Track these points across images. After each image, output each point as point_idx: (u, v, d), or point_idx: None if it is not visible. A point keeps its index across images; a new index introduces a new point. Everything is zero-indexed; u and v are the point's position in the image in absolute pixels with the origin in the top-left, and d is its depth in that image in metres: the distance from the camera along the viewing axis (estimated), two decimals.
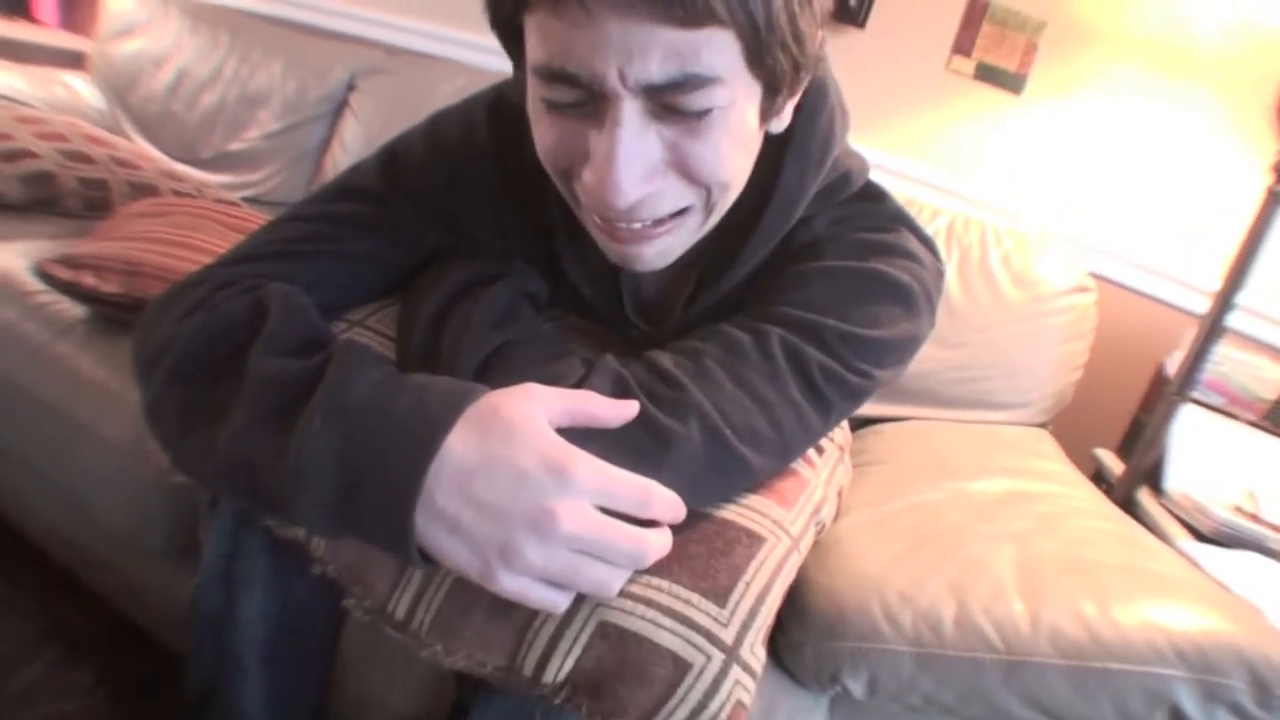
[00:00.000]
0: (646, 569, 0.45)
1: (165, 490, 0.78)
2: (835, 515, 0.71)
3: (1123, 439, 1.24)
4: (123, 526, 0.83)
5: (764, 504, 0.53)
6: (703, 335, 0.52)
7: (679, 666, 0.43)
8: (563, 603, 0.42)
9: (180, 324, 0.49)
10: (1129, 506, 0.99)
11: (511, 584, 0.40)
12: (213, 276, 0.53)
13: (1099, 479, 1.14)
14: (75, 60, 1.80)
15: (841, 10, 1.37)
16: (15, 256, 0.99)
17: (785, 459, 0.54)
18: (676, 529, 0.45)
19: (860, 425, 1.10)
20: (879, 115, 1.40)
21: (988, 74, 1.33)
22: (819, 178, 0.54)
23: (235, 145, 1.57)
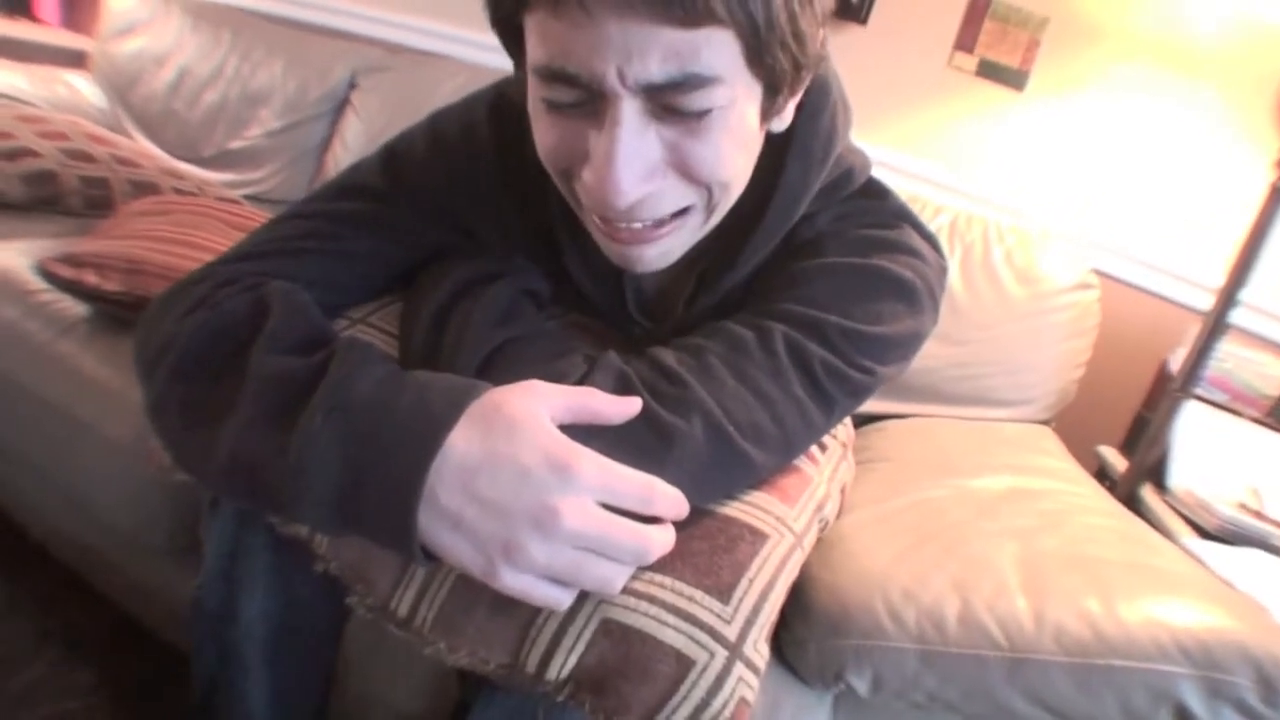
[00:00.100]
0: (650, 566, 0.45)
1: (167, 489, 0.79)
2: (838, 512, 0.71)
3: (1126, 436, 1.24)
4: (124, 525, 0.83)
5: (767, 501, 0.53)
6: (706, 332, 0.52)
7: (682, 663, 0.43)
8: (566, 600, 0.42)
9: (182, 322, 0.49)
10: (1132, 504, 0.99)
11: (514, 581, 0.40)
12: (214, 274, 0.53)
13: (1102, 476, 1.14)
14: (77, 59, 1.80)
15: (843, 7, 1.36)
16: (17, 255, 0.99)
17: (788, 455, 0.54)
18: (679, 526, 0.45)
19: (863, 422, 1.10)
20: (881, 112, 1.39)
21: (990, 71, 1.33)
22: (821, 175, 0.54)
23: (237, 143, 1.57)
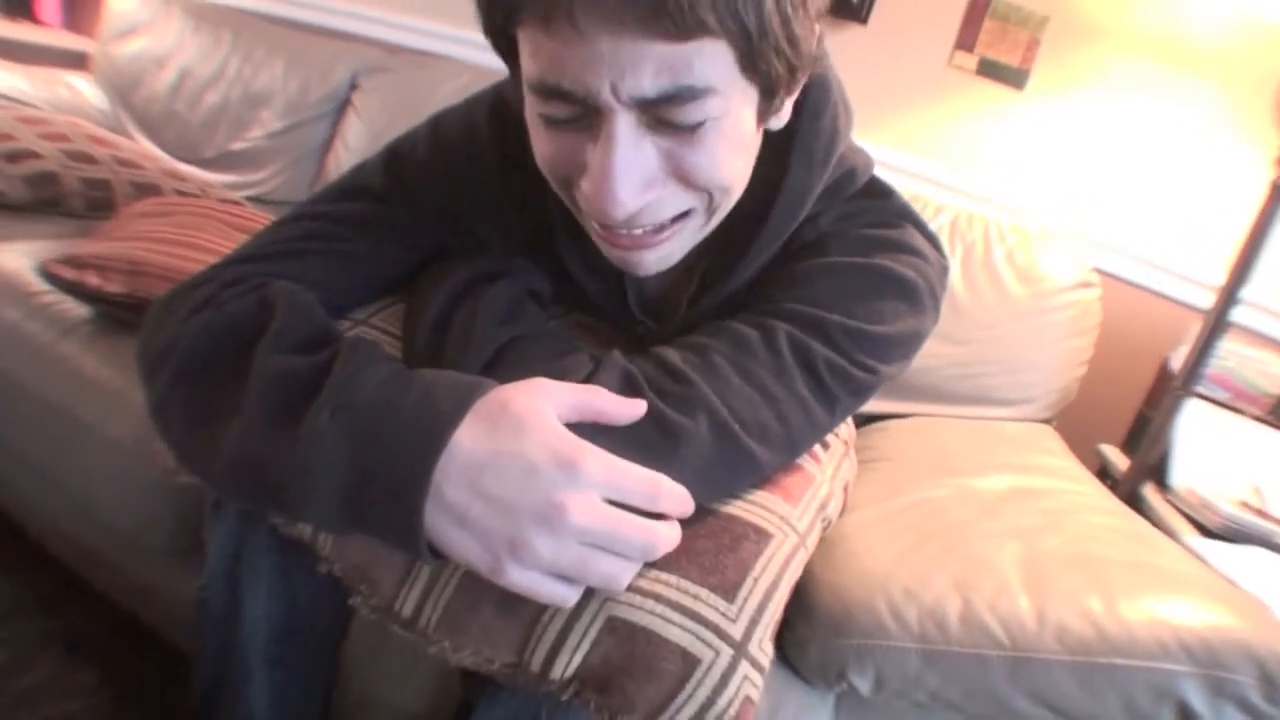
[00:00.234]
0: (655, 564, 0.45)
1: (169, 490, 0.79)
2: (841, 510, 0.71)
3: (1128, 434, 1.24)
4: (126, 526, 0.83)
5: (770, 500, 0.53)
6: (710, 331, 0.52)
7: (688, 661, 0.43)
8: (572, 597, 0.42)
9: (186, 323, 0.49)
10: (1134, 502, 0.99)
11: (521, 578, 0.40)
12: (218, 276, 0.54)
13: (1104, 475, 1.14)
14: (78, 61, 1.80)
15: (844, 7, 1.36)
16: (19, 257, 0.99)
17: (792, 454, 0.54)
18: (684, 525, 0.45)
19: (865, 422, 1.10)
20: (882, 111, 1.40)
21: (990, 70, 1.33)
22: (824, 176, 0.54)
23: (238, 145, 1.58)
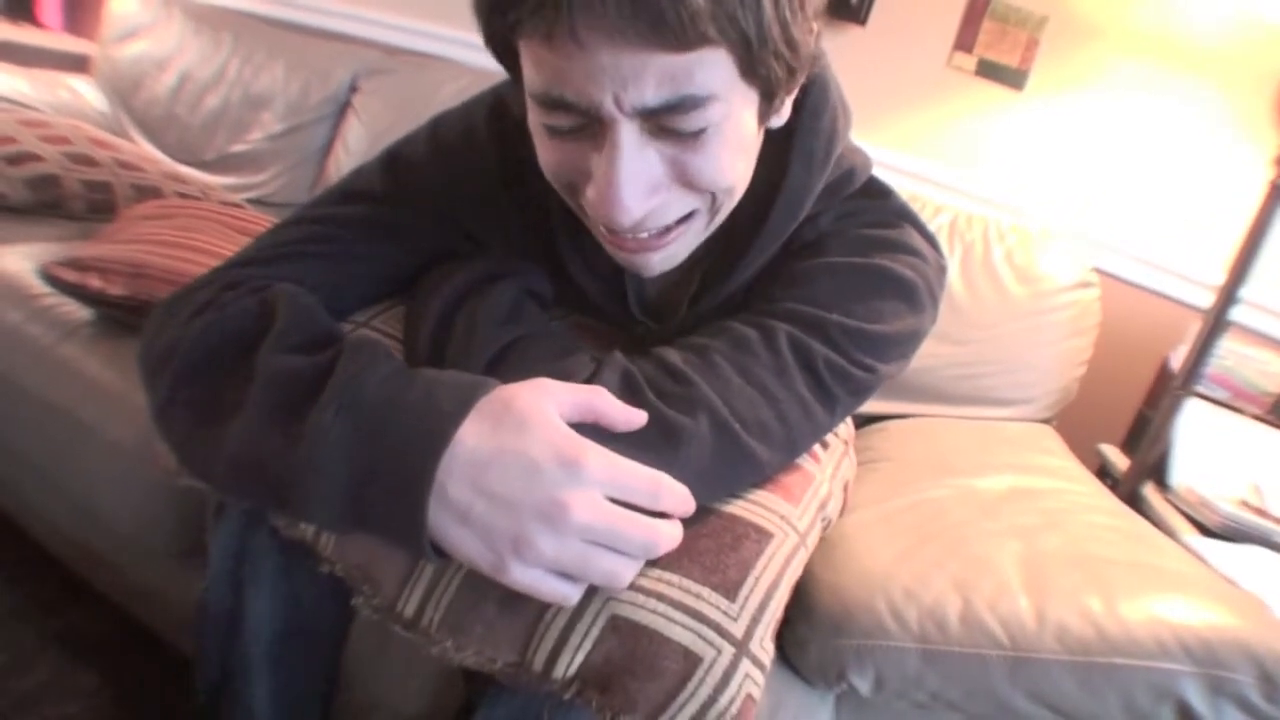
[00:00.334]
0: (657, 563, 0.45)
1: (170, 492, 0.79)
2: (841, 510, 0.71)
3: (1127, 434, 1.24)
4: (127, 528, 0.83)
5: (771, 500, 0.53)
6: (710, 331, 0.52)
7: (689, 660, 0.43)
8: (574, 595, 0.42)
9: (187, 325, 0.49)
10: (1134, 502, 0.99)
11: (523, 575, 0.40)
12: (219, 278, 0.54)
13: (1104, 474, 1.14)
14: (79, 63, 1.81)
15: (843, 8, 1.37)
16: (20, 259, 1.00)
17: (793, 453, 0.54)
18: (686, 525, 0.45)
19: (865, 423, 1.10)
20: (881, 112, 1.40)
21: (989, 70, 1.33)
22: (824, 176, 0.54)
23: (238, 147, 1.58)
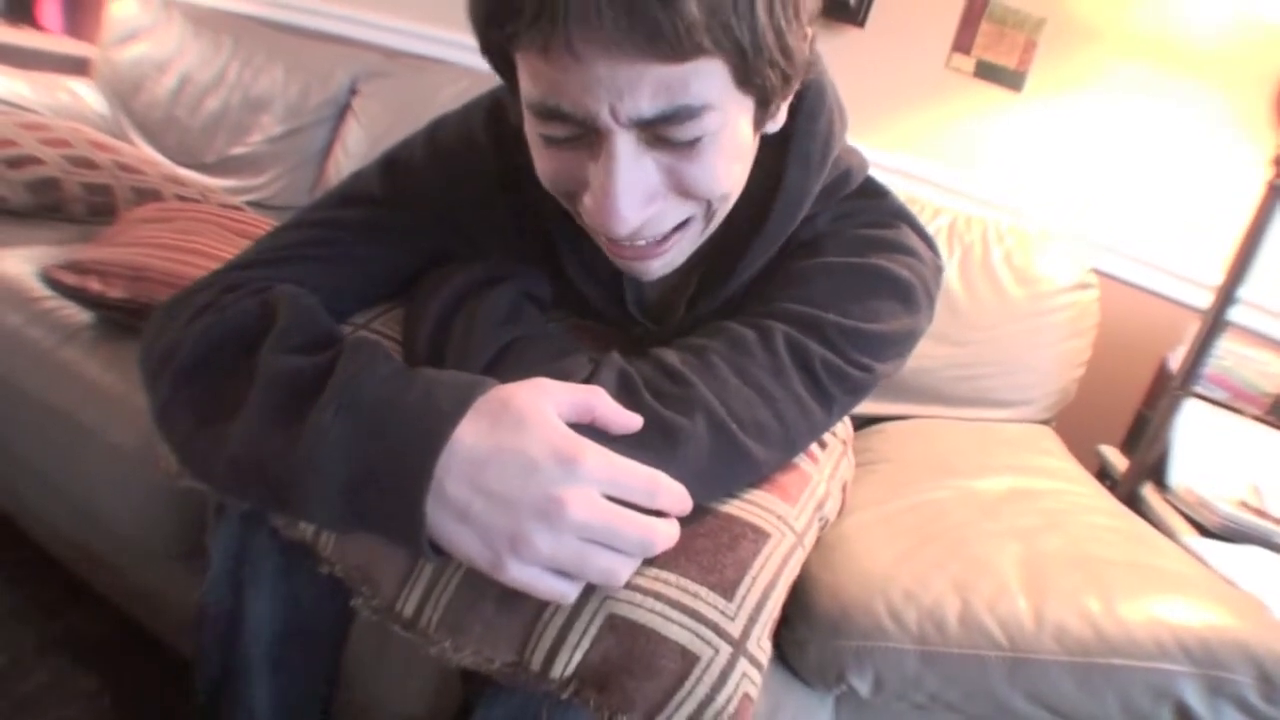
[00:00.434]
0: (654, 563, 0.45)
1: (171, 495, 0.79)
2: (839, 510, 0.71)
3: (1127, 435, 1.24)
4: (128, 531, 0.83)
5: (768, 499, 0.53)
6: (707, 332, 0.53)
7: (687, 659, 0.43)
8: (571, 593, 0.42)
9: (188, 327, 0.49)
10: (1133, 502, 0.99)
11: (520, 573, 0.40)
12: (218, 281, 0.54)
13: (1103, 475, 1.14)
14: (79, 66, 1.81)
15: (841, 9, 1.37)
16: (21, 262, 1.00)
17: (790, 453, 0.55)
18: (683, 524, 0.45)
19: (864, 424, 1.10)
20: (880, 114, 1.40)
21: (987, 72, 1.33)
22: (821, 178, 0.55)
23: (238, 150, 1.58)
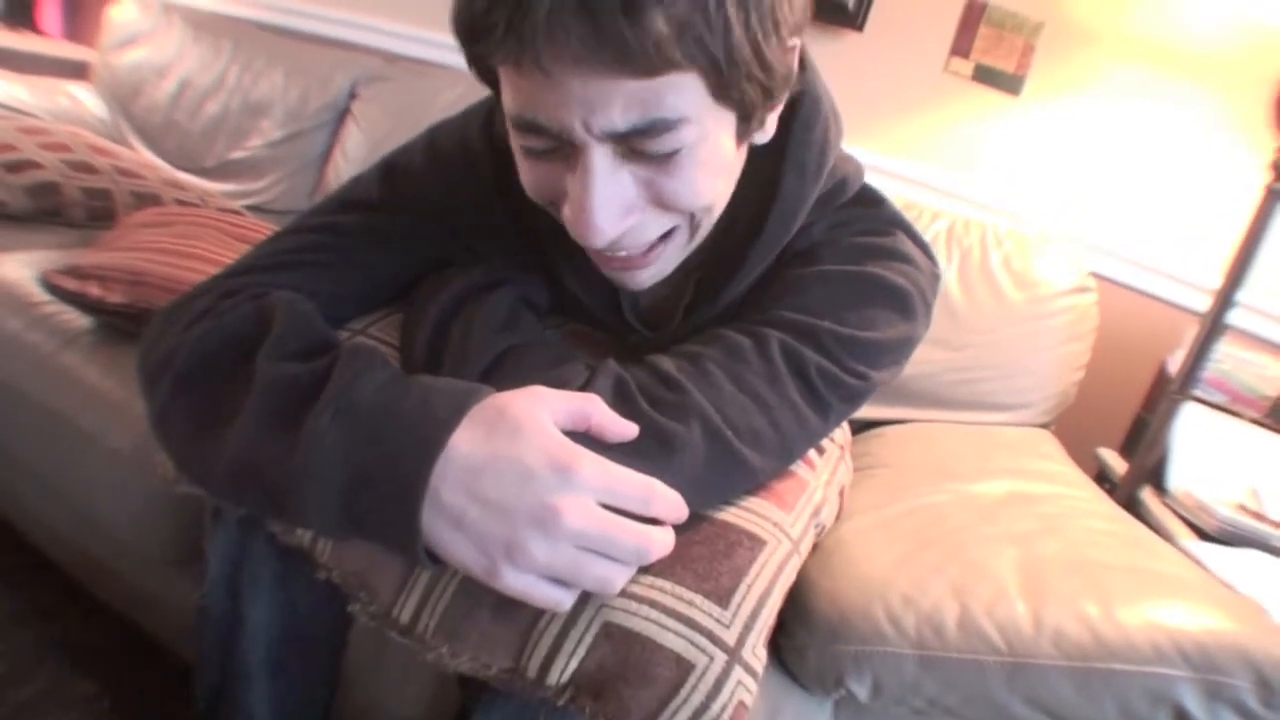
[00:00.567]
0: (650, 570, 0.45)
1: (169, 500, 0.79)
2: (837, 515, 0.71)
3: (1125, 438, 1.24)
4: (127, 536, 0.83)
5: (764, 507, 0.53)
6: (703, 339, 0.53)
7: (682, 667, 0.43)
8: (567, 601, 0.42)
9: (186, 333, 0.50)
10: (1132, 506, 0.99)
11: (516, 581, 0.40)
12: (217, 287, 0.54)
13: (1102, 479, 1.14)
14: (78, 70, 1.81)
15: (840, 13, 1.37)
16: (20, 267, 1.00)
17: (786, 460, 0.55)
18: (678, 531, 0.45)
19: (862, 428, 1.10)
20: (878, 118, 1.40)
21: (986, 75, 1.33)
22: (817, 187, 0.55)
23: (238, 154, 1.58)
